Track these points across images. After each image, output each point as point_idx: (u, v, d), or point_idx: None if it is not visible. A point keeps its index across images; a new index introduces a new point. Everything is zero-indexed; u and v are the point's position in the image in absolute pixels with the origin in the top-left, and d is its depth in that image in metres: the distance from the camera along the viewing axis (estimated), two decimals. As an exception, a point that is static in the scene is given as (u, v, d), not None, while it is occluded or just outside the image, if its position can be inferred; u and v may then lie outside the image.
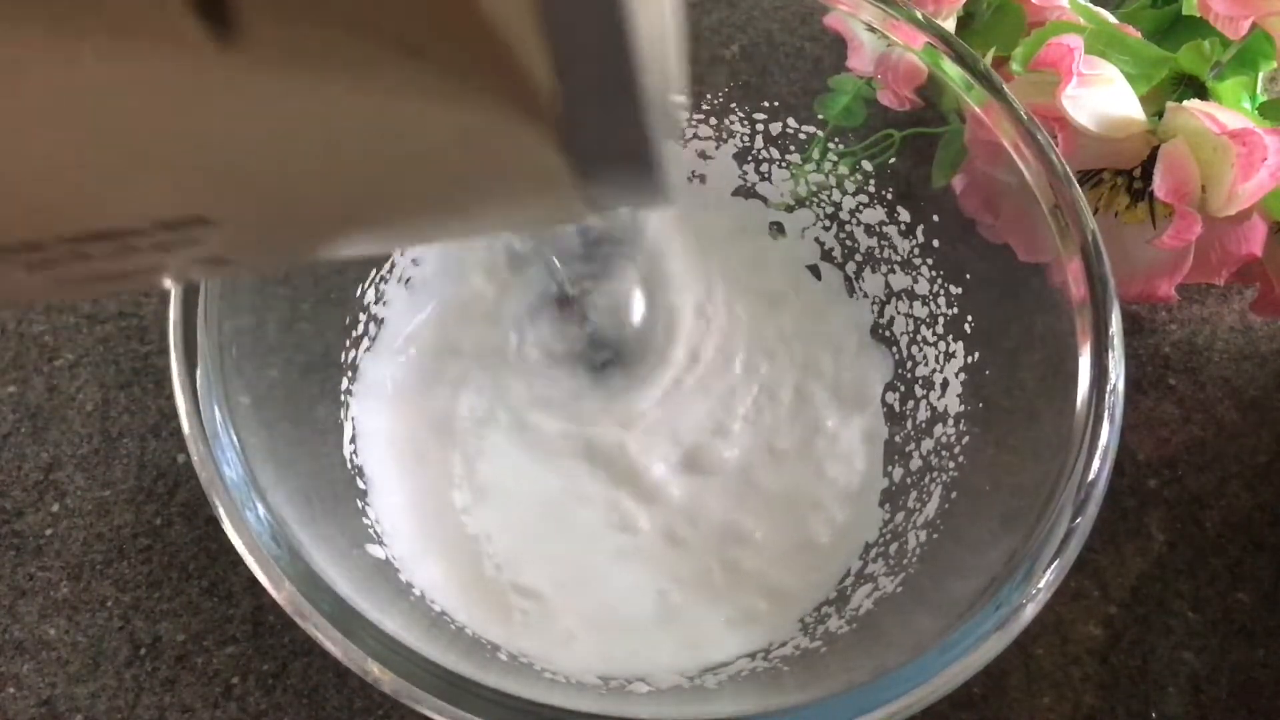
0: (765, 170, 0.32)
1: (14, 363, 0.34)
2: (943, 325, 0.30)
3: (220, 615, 0.31)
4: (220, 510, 0.22)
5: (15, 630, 0.31)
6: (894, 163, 0.30)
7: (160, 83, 0.10)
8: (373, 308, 0.30)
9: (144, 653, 0.30)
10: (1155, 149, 0.29)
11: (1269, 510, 0.34)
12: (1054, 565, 0.23)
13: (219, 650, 0.30)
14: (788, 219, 0.33)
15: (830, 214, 0.32)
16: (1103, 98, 0.29)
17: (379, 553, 0.27)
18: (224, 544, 0.30)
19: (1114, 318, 0.24)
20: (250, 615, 0.31)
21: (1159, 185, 0.29)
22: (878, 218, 0.31)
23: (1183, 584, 0.33)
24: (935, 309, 0.30)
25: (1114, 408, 0.24)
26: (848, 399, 0.32)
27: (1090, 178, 0.31)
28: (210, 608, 0.31)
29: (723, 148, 0.32)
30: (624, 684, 0.26)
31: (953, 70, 0.27)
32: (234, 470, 0.22)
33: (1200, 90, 0.31)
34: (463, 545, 0.29)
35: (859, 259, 0.32)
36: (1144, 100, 0.30)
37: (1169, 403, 0.35)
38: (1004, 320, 0.28)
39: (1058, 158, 0.26)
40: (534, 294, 0.29)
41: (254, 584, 0.23)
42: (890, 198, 0.31)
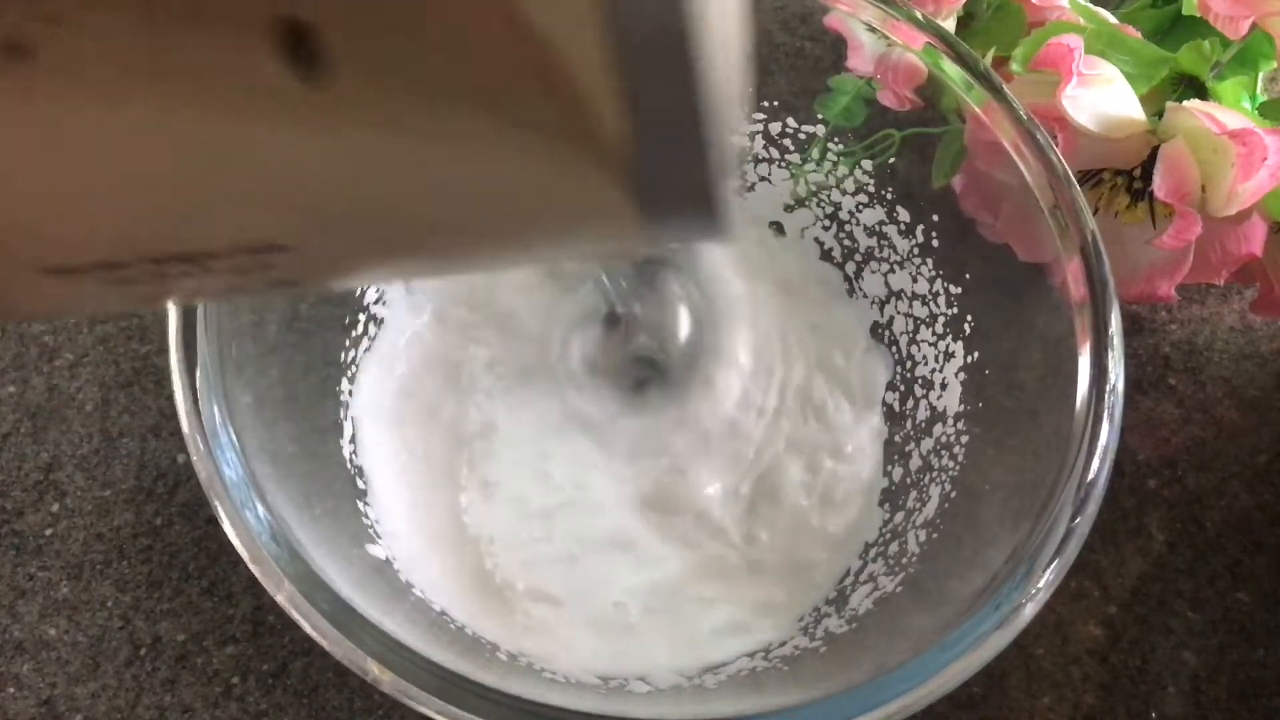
0: (765, 170, 0.32)
1: (14, 363, 0.34)
2: (942, 325, 0.30)
3: (220, 615, 0.31)
4: (220, 510, 0.22)
5: (15, 630, 0.31)
6: (894, 163, 0.30)
7: (247, 119, 0.10)
8: (373, 308, 0.30)
9: (144, 653, 0.30)
10: (1155, 149, 0.29)
11: (1269, 510, 0.34)
12: (1054, 565, 0.23)
13: (219, 650, 0.30)
14: (788, 219, 0.33)
15: (830, 214, 0.32)
16: (1103, 98, 0.29)
17: (379, 552, 0.27)
18: (224, 544, 0.30)
19: (1114, 318, 0.24)
20: (250, 615, 0.31)
21: (1159, 185, 0.29)
22: (877, 217, 0.31)
23: (1183, 584, 0.33)
24: (935, 309, 0.30)
25: (1114, 408, 0.24)
26: (858, 399, 0.32)
27: (1090, 178, 0.31)
28: (210, 608, 0.31)
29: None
30: (624, 684, 0.26)
31: (953, 70, 0.27)
32: (234, 470, 0.23)
33: (1200, 90, 0.31)
34: (463, 545, 0.29)
35: (859, 259, 0.32)
36: (1144, 100, 0.30)
37: (1169, 403, 0.35)
38: (1004, 320, 0.28)
39: (1058, 158, 0.26)
40: (577, 306, 0.29)
41: (254, 584, 0.23)
42: (890, 197, 0.31)
